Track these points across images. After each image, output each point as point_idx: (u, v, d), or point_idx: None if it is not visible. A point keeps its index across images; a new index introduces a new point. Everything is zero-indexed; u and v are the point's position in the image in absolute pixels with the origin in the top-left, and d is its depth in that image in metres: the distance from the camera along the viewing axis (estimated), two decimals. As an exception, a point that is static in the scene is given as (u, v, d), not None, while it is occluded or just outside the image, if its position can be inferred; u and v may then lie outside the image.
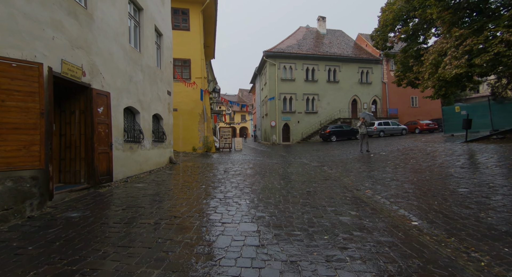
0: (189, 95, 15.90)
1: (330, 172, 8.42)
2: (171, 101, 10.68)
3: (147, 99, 8.20)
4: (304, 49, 26.93)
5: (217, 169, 8.90)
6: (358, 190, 5.88)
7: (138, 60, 7.56)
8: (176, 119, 15.54)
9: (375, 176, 7.10)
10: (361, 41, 30.67)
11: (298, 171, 8.67)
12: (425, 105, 28.53)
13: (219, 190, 5.63)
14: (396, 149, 11.40)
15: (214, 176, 7.58)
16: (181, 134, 15.58)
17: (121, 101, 6.49)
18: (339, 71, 27.00)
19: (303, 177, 7.44)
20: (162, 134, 9.63)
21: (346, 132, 22.92)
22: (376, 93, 27.86)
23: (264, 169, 9.05)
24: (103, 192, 5.25)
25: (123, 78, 6.62)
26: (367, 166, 8.67)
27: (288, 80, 25.94)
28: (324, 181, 6.84)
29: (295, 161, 11.84)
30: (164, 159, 9.73)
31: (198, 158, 12.78)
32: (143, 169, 7.78)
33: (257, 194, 5.30)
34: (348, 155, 11.94)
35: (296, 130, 26.07)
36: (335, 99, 26.86)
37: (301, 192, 5.56)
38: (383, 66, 27.78)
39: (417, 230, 3.43)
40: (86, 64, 5.13)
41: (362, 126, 11.83)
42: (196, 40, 16.08)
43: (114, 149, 6.16)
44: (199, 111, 16.10)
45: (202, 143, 16.02)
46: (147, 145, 8.12)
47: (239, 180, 6.87)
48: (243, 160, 12.29)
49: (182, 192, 5.38)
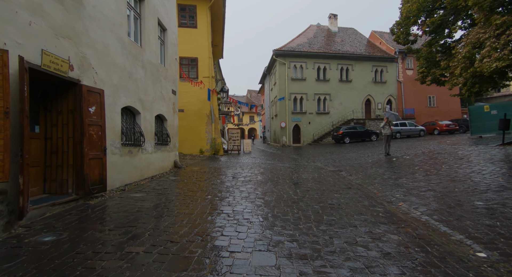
0: (196, 95, 15.25)
1: (351, 179, 7.55)
2: (176, 100, 10.02)
3: (149, 98, 7.52)
4: (315, 47, 26.00)
5: (225, 175, 8.15)
6: (389, 203, 5.01)
7: (139, 55, 6.89)
8: (182, 120, 14.93)
9: (405, 184, 6.20)
10: (375, 38, 29.50)
11: (314, 177, 7.83)
12: (443, 105, 27.14)
13: (226, 202, 4.86)
14: (421, 152, 10.39)
15: (221, 183, 6.82)
16: (188, 136, 14.95)
17: (118, 100, 5.81)
18: (352, 70, 25.94)
19: (322, 185, 6.60)
20: (166, 136, 8.96)
21: (360, 134, 21.85)
22: (391, 92, 26.64)
23: (276, 174, 8.25)
24: (94, 204, 4.55)
25: (121, 74, 5.95)
26: (392, 172, 7.75)
27: (298, 79, 25.06)
28: (347, 190, 5.99)
29: (308, 165, 10.98)
30: (168, 163, 9.05)
31: (205, 162, 12.07)
32: (144, 175, 7.09)
33: (271, 208, 4.50)
34: (366, 159, 11.00)
35: (307, 132, 25.14)
36: (348, 99, 25.79)
37: (322, 205, 4.73)
38: (398, 65, 26.56)
39: (490, 267, 2.56)
40: (75, 56, 4.45)
41: (386, 127, 10.86)
42: (203, 38, 15.44)
43: (110, 154, 5.48)
44: (207, 112, 15.44)
45: (209, 145, 15.34)
46: (149, 148, 7.44)
47: (250, 189, 6.08)
48: (253, 163, 11.52)
49: (184, 205, 4.63)
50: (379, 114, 26.35)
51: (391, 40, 28.40)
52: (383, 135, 10.98)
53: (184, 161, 11.98)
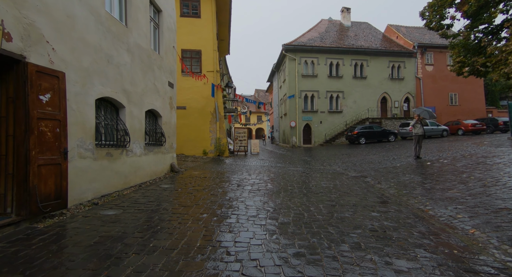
0: (200, 91, 14.00)
1: (381, 188, 6.11)
2: (174, 95, 8.76)
3: (138, 90, 6.26)
4: (327, 42, 24.46)
5: (229, 182, 6.82)
6: (453, 229, 3.58)
7: (123, 36, 5.63)
8: (184, 119, 13.70)
9: (459, 199, 4.73)
10: (391, 32, 27.75)
11: (336, 185, 6.42)
12: (466, 103, 25.19)
13: (227, 226, 3.52)
14: (460, 155, 8.82)
15: (223, 194, 5.49)
16: (190, 135, 13.70)
17: (90, 89, 4.55)
18: (367, 66, 24.28)
19: (349, 198, 5.19)
20: (160, 135, 7.69)
21: (377, 134, 20.21)
22: (409, 90, 24.86)
23: (289, 181, 6.87)
24: (41, 229, 3.27)
25: (95, 56, 4.69)
26: (434, 181, 6.27)
27: (309, 76, 23.57)
28: (385, 206, 4.57)
29: (325, 169, 9.55)
30: (163, 167, 7.79)
31: (208, 165, 10.77)
32: (129, 183, 5.83)
33: (290, 237, 3.14)
34: (392, 162, 9.50)
35: (318, 131, 23.62)
36: (362, 97, 24.14)
37: (361, 231, 3.35)
38: (417, 60, 24.75)
39: None
40: (14, 22, 3.19)
41: (417, 125, 9.33)
42: (207, 29, 14.17)
43: (77, 158, 4.22)
44: (211, 110, 14.16)
45: (213, 146, 14.05)
46: (136, 150, 6.17)
47: (258, 203, 4.73)
48: (261, 167, 10.15)
49: (167, 232, 3.31)
50: (395, 113, 24.62)
51: (409, 34, 26.63)
52: (414, 135, 9.45)
53: (184, 164, 10.71)
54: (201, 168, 9.49)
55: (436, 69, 25.03)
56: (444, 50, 25.19)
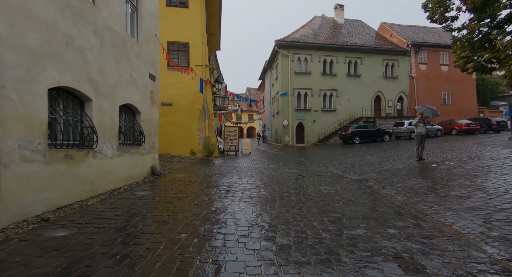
0: (187, 87, 13.06)
1: (389, 195, 5.41)
2: (156, 89, 7.84)
3: (109, 81, 5.34)
4: (321, 39, 23.83)
5: (217, 187, 5.98)
6: (501, 256, 2.87)
7: (88, 14, 4.69)
8: (170, 116, 12.76)
9: (483, 209, 4.05)
10: (385, 30, 27.37)
11: (338, 191, 5.68)
12: (458, 103, 25.08)
13: (210, 253, 2.69)
14: (467, 157, 8.24)
15: (209, 203, 4.65)
16: (177, 134, 12.77)
17: (40, 75, 3.63)
18: (361, 64, 23.79)
19: (357, 208, 4.44)
20: (139, 134, 6.77)
21: (372, 133, 19.72)
22: (403, 89, 24.53)
23: (285, 186, 6.10)
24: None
25: (48, 35, 3.76)
26: (446, 186, 5.60)
27: (303, 73, 22.89)
28: (400, 219, 3.83)
29: (322, 171, 8.83)
30: (142, 170, 6.87)
31: (195, 166, 9.89)
32: (98, 190, 4.92)
33: (295, 272, 2.33)
34: (394, 164, 8.85)
35: (311, 131, 22.99)
36: (356, 96, 23.65)
37: (383, 260, 2.57)
38: (411, 58, 24.43)
39: None
40: None
41: (420, 124, 8.69)
42: (196, 20, 13.23)
43: (20, 162, 3.31)
44: (199, 106, 13.24)
45: (202, 146, 13.15)
46: (107, 150, 5.25)
47: (250, 216, 3.92)
48: (253, 168, 9.34)
49: (126, 265, 2.46)
50: (389, 112, 24.25)
51: (403, 32, 26.31)
52: (416, 134, 8.82)
53: (169, 165, 9.79)
54: (187, 170, 8.61)
55: (429, 68, 24.79)
56: (438, 49, 25.01)
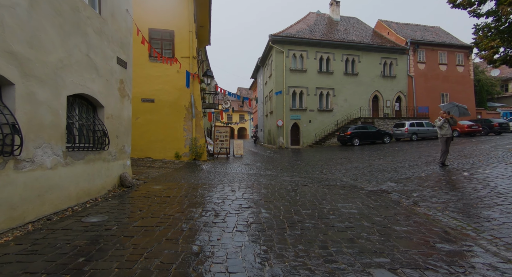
0: (172, 81, 11.49)
1: (430, 217, 4.05)
2: (128, 78, 6.27)
3: (49, 59, 3.78)
4: (317, 35, 22.60)
5: (203, 206, 4.48)
6: None
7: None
8: (152, 114, 11.17)
9: None
10: (382, 28, 26.45)
11: (362, 211, 4.28)
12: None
13: None
14: (499, 162, 7.03)
15: (188, 238, 3.15)
16: (159, 134, 11.17)
17: None
18: (359, 62, 22.70)
19: (404, 243, 3.00)
20: (102, 135, 5.20)
21: (372, 135, 18.59)
22: (401, 88, 23.59)
23: (292, 203, 4.66)
24: None
25: None
26: (505, 207, 4.28)
27: (298, 70, 21.59)
28: (478, 272, 2.45)
29: (328, 178, 7.46)
30: (106, 182, 5.30)
31: (179, 173, 8.33)
32: (24, 217, 3.35)
33: None
34: (413, 171, 7.55)
35: (307, 132, 21.70)
36: (354, 95, 22.53)
37: None
38: (409, 57, 23.52)
39: None
40: None
41: (446, 125, 7.43)
42: (182, 5, 11.67)
43: None
44: (186, 104, 11.68)
45: (188, 148, 11.58)
46: (44, 158, 3.68)
47: (251, 265, 2.45)
48: (248, 176, 7.87)
49: None
50: (387, 113, 23.26)
51: (401, 30, 25.43)
52: (441, 136, 7.56)
53: (147, 172, 8.20)
54: (168, 179, 7.05)
55: (428, 68, 23.96)
56: (436, 47, 24.24)
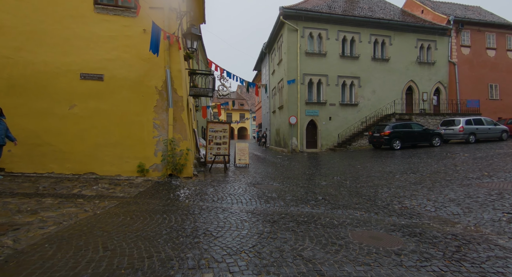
0: (133, 46, 7.04)
1: None
2: None
3: None
4: (339, 11, 18.19)
5: None
6: None
7: None
8: (99, 100, 6.67)
9: None
10: (414, 7, 22.02)
11: None
12: (509, 97, 19.94)
13: None
14: None
15: None
16: (112, 135, 6.69)
17: None
18: (390, 45, 18.28)
19: None
20: None
21: (417, 135, 14.12)
22: (441, 78, 19.16)
23: None
24: None
25: None
26: None
27: (315, 54, 17.16)
28: None
29: (424, 225, 2.97)
30: None
31: (124, 217, 3.80)
32: None
33: None
34: None
35: (326, 131, 17.27)
36: (384, 86, 18.11)
37: None
38: (451, 39, 19.11)
39: None
40: None
41: None
42: None
43: None
44: (157, 84, 7.22)
45: (161, 156, 7.09)
46: None
47: None
48: (264, 223, 3.34)
49: None
50: (424, 108, 18.83)
51: (438, 8, 20.97)
52: None
53: (60, 209, 3.68)
54: (92, 233, 2.56)
55: (473, 53, 19.54)
56: (483, 28, 19.78)
